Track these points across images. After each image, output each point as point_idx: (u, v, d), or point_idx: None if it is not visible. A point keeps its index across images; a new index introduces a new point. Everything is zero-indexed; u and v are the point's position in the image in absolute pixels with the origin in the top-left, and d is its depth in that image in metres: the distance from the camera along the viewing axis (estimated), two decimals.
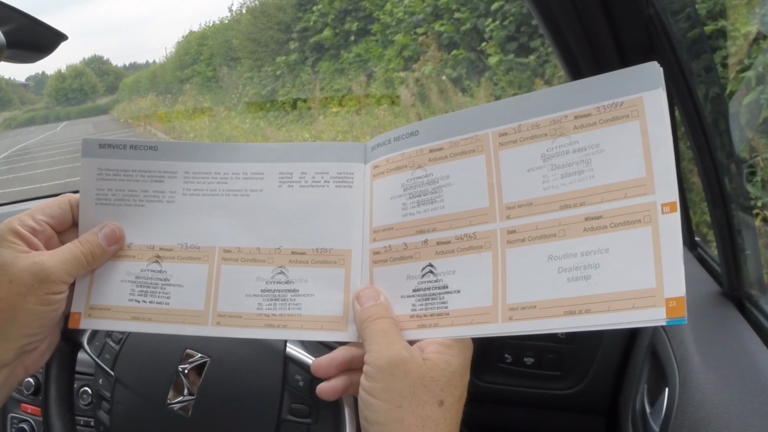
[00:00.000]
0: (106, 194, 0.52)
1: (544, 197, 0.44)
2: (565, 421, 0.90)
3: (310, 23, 8.80)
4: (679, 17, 0.72)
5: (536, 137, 0.44)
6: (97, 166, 0.52)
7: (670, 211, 0.40)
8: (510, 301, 0.44)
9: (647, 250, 0.40)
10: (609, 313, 0.40)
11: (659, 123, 0.41)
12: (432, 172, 0.48)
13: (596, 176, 0.42)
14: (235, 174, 0.52)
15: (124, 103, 15.74)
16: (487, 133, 0.46)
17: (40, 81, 24.37)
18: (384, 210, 0.50)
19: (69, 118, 18.48)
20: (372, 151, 0.51)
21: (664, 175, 0.41)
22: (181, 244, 0.51)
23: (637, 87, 0.41)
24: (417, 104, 5.61)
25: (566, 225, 0.42)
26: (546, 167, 0.44)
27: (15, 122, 18.47)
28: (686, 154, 0.93)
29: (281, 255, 0.50)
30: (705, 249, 0.94)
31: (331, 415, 0.62)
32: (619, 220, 0.41)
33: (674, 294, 0.39)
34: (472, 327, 0.45)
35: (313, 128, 6.61)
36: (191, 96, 10.84)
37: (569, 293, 0.41)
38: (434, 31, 6.35)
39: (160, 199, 0.52)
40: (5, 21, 0.59)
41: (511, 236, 0.44)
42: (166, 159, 0.52)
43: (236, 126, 7.96)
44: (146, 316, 0.50)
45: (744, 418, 0.50)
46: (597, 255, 0.41)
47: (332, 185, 0.51)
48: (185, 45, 13.33)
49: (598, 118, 0.43)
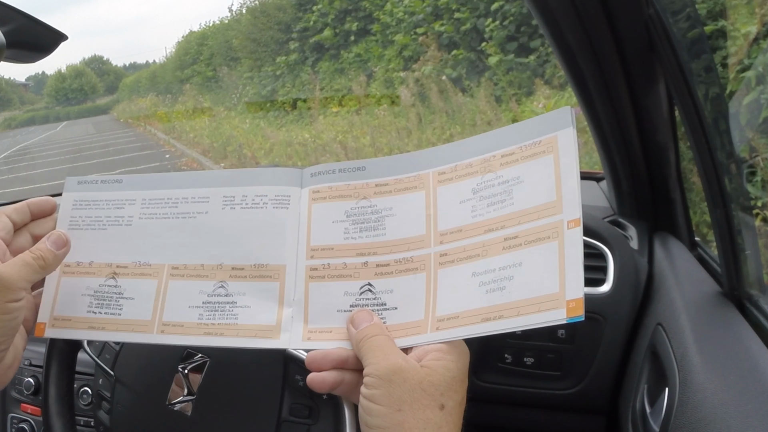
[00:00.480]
0: (77, 221, 0.59)
1: (472, 224, 0.50)
2: (565, 421, 0.90)
3: (310, 23, 8.80)
4: (679, 17, 0.72)
5: (469, 174, 0.52)
6: (74, 198, 0.60)
7: (574, 227, 0.46)
8: (438, 314, 0.49)
9: (553, 260, 0.46)
10: (518, 317, 0.46)
11: (569, 155, 0.48)
12: (376, 204, 0.54)
13: (515, 203, 0.49)
14: (184, 198, 0.58)
15: (124, 103, 15.75)
16: (428, 173, 0.54)
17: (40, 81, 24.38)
18: (324, 231, 0.55)
19: (69, 118, 18.49)
20: (311, 177, 0.57)
21: (570, 196, 0.47)
22: (135, 262, 0.57)
23: (553, 127, 0.49)
24: (417, 104, 5.61)
25: (489, 246, 0.49)
26: (475, 198, 0.51)
27: (15, 122, 18.47)
28: (686, 154, 0.94)
29: (222, 270, 0.55)
30: (705, 249, 0.94)
31: (331, 415, 0.62)
32: (532, 237, 0.47)
33: (574, 296, 0.44)
34: (404, 339, 0.50)
35: (313, 128, 6.61)
36: (191, 96, 10.84)
37: (487, 303, 0.47)
38: (434, 31, 6.35)
39: (119, 223, 0.59)
40: (5, 21, 0.59)
41: (442, 258, 0.51)
42: (128, 189, 0.60)
43: (236, 126, 7.96)
44: (101, 325, 0.56)
45: (744, 418, 0.51)
46: (512, 269, 0.47)
47: (270, 206, 0.56)
48: (185, 45, 13.33)
49: (520, 155, 0.50)
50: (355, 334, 0.49)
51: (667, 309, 0.75)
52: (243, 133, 7.54)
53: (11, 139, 15.14)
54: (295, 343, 0.52)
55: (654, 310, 0.80)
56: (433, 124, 5.34)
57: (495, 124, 4.71)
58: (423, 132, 5.31)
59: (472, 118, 4.93)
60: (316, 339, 0.52)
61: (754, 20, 1.86)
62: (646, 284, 0.85)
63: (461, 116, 5.13)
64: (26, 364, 1.27)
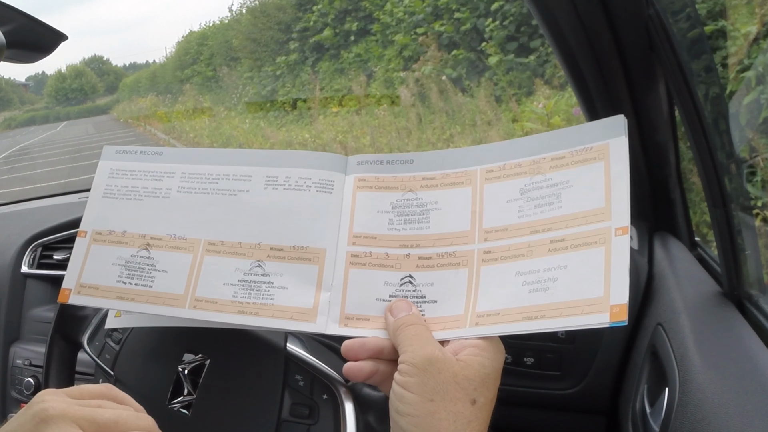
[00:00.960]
0: (113, 190, 0.58)
1: (518, 224, 0.50)
2: (565, 421, 0.90)
3: (310, 23, 8.80)
4: (679, 17, 0.72)
5: (517, 174, 0.52)
6: (110, 167, 0.59)
7: (622, 234, 0.46)
8: (479, 310, 0.49)
9: (599, 265, 0.46)
10: (561, 318, 0.46)
11: (620, 163, 0.48)
12: (422, 197, 0.54)
13: (564, 207, 0.49)
14: (225, 175, 0.57)
15: (124, 103, 15.74)
16: (476, 170, 0.54)
17: (40, 81, 24.35)
18: (367, 220, 0.55)
19: (69, 118, 18.48)
20: (357, 165, 0.57)
21: (620, 205, 0.47)
22: (170, 235, 0.56)
23: (606, 135, 0.49)
24: (417, 104, 5.61)
25: (534, 246, 0.49)
26: (522, 199, 0.51)
27: (15, 122, 18.46)
28: (686, 154, 0.94)
29: (260, 250, 0.55)
30: (705, 249, 0.94)
31: (331, 415, 0.62)
32: (579, 242, 0.47)
33: (618, 301, 0.45)
34: (442, 332, 0.50)
35: (313, 128, 6.60)
36: (191, 96, 10.84)
37: (529, 302, 0.47)
38: (434, 31, 6.34)
39: (156, 195, 0.57)
40: (5, 21, 0.59)
41: (486, 256, 0.51)
42: (168, 162, 0.59)
43: (236, 126, 7.96)
44: (130, 296, 0.55)
45: (744, 418, 0.50)
46: (557, 270, 0.47)
47: (313, 190, 0.56)
48: (185, 45, 13.31)
49: (571, 160, 0.50)
50: (393, 323, 0.49)
51: (667, 309, 0.75)
52: (243, 133, 7.54)
53: (11, 139, 15.14)
54: (331, 328, 0.52)
55: (654, 310, 0.80)
56: (433, 124, 5.34)
57: (495, 124, 4.71)
58: (423, 132, 5.31)
59: (472, 118, 4.92)
60: (353, 326, 0.52)
61: (754, 20, 1.86)
62: (646, 284, 0.85)
63: (461, 116, 5.13)
64: (26, 364, 1.27)
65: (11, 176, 8.80)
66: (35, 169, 8.81)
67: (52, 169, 8.63)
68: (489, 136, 4.54)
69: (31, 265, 1.37)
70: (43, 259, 1.38)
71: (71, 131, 14.92)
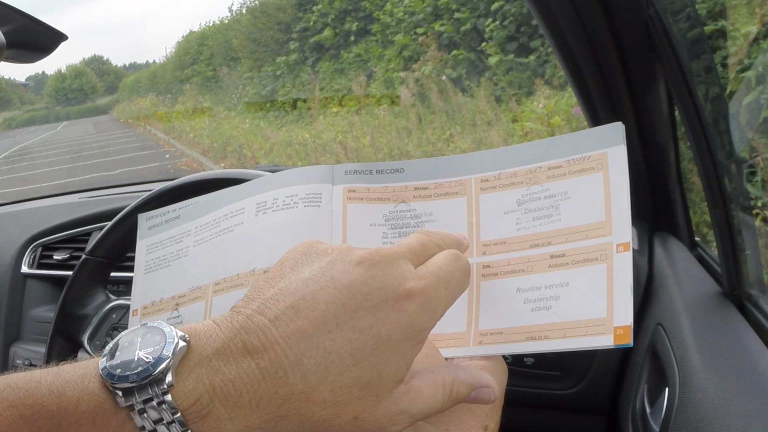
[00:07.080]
0: (150, 265, 0.60)
1: (516, 237, 0.49)
2: (565, 421, 0.90)
3: (310, 23, 8.80)
4: (679, 17, 0.72)
5: (513, 184, 0.50)
6: (146, 244, 0.61)
7: (624, 251, 0.45)
8: (481, 327, 0.48)
9: (601, 284, 0.45)
10: (564, 339, 0.45)
11: (620, 174, 0.46)
12: (416, 208, 0.52)
13: (563, 219, 0.47)
14: (224, 215, 0.58)
15: (124, 103, 15.74)
16: (470, 179, 0.52)
17: (40, 81, 24.35)
18: (360, 234, 0.53)
19: (69, 118, 18.48)
20: (345, 175, 0.55)
21: (620, 219, 0.46)
22: (190, 288, 0.57)
23: (603, 143, 0.47)
24: (417, 104, 5.61)
25: (534, 261, 0.48)
26: (520, 210, 0.49)
27: (15, 122, 18.46)
28: (686, 154, 0.94)
29: (255, 275, 0.54)
30: (705, 249, 0.94)
31: None
32: (580, 257, 0.46)
33: (622, 323, 0.43)
34: (447, 350, 0.49)
35: (313, 128, 6.61)
36: (191, 96, 10.84)
37: (532, 321, 0.46)
38: (434, 31, 6.35)
39: (179, 256, 0.59)
40: (5, 21, 0.59)
41: (485, 270, 0.49)
42: (185, 221, 0.60)
43: (236, 126, 7.96)
44: None
45: (744, 418, 0.50)
46: (558, 288, 0.46)
47: (301, 206, 0.55)
48: (185, 45, 13.32)
49: (568, 170, 0.48)
50: None
51: (667, 309, 0.75)
52: (243, 133, 7.54)
53: (11, 139, 15.13)
54: None
55: (654, 310, 0.80)
56: (433, 124, 5.34)
57: (495, 124, 4.71)
58: (423, 132, 5.31)
59: (472, 118, 4.92)
60: None
61: (754, 20, 1.86)
62: (646, 284, 0.85)
63: (461, 116, 5.13)
64: (26, 364, 1.27)
65: (11, 176, 8.80)
66: (35, 169, 8.81)
67: (52, 169, 8.63)
68: (489, 136, 4.54)
69: (31, 265, 1.37)
70: (43, 259, 1.38)
71: (71, 131, 14.93)
